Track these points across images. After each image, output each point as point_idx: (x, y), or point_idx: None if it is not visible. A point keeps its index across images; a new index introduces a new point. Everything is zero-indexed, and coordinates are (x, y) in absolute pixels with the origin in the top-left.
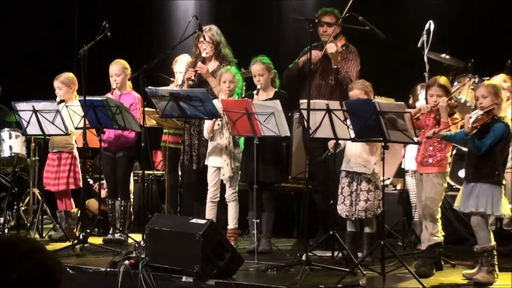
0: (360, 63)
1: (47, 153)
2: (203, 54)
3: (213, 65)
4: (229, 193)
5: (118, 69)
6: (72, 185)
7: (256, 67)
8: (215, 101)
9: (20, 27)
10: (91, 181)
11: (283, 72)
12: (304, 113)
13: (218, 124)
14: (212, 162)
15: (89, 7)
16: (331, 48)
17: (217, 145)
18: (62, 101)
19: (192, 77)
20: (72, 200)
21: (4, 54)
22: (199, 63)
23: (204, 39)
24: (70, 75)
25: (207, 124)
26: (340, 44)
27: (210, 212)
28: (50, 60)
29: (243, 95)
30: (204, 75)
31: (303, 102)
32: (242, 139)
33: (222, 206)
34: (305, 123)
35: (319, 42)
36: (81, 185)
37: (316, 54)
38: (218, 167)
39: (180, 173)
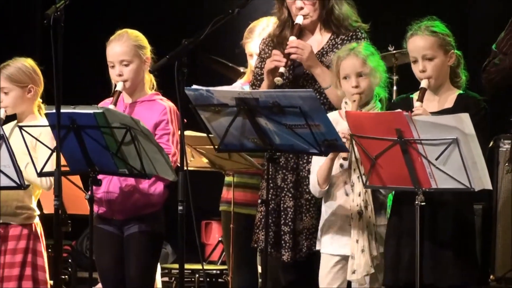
0: None
1: None
2: (298, 20)
3: (319, 39)
4: None
5: (125, 50)
6: None
7: (419, 42)
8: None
9: None
10: None
11: (474, 60)
12: None
13: (341, 165)
14: (328, 246)
15: None
16: None
17: (339, 210)
18: (11, 117)
19: (281, 69)
20: None
21: None
22: (292, 39)
23: None
24: (27, 63)
25: (317, 163)
26: None
27: None
28: None
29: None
30: (305, 63)
31: None
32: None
33: None
34: None
35: None
36: None
37: None
38: (343, 256)
39: (259, 268)
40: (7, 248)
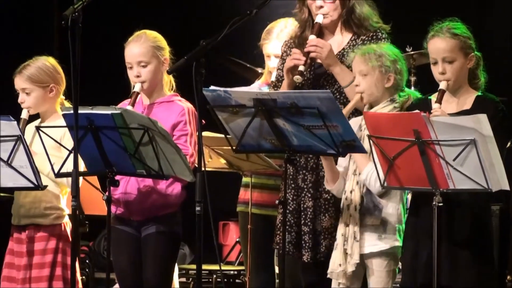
0: None
1: (8, 228)
2: (318, 19)
3: (339, 40)
4: None
5: (143, 51)
6: None
7: (440, 44)
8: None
9: None
10: None
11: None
12: None
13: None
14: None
15: None
16: None
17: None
18: (33, 117)
19: (300, 67)
20: None
21: None
22: (312, 38)
23: None
24: (47, 63)
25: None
26: None
27: None
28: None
29: (405, 103)
30: (325, 61)
31: None
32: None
33: None
34: None
35: None
36: None
37: None
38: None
39: (276, 269)
40: (36, 249)
